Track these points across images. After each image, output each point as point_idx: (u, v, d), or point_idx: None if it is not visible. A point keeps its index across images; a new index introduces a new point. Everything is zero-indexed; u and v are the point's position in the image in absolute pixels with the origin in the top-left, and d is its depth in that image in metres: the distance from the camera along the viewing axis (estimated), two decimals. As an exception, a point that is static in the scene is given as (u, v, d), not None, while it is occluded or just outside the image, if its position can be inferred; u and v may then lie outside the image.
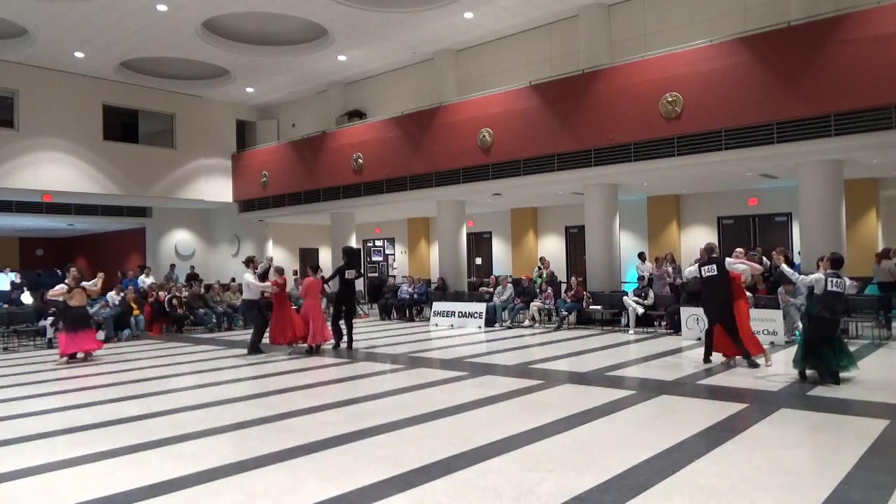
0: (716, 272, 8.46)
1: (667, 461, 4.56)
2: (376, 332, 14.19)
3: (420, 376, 8.39)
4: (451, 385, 7.74)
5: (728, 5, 13.93)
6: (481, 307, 14.72)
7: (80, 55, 17.62)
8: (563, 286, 16.21)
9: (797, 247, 13.56)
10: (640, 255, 15.41)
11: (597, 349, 10.60)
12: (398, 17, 15.64)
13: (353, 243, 20.44)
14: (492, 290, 15.45)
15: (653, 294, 13.16)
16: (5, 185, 17.87)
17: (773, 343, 10.09)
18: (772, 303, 10.96)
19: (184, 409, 6.69)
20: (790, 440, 5.11)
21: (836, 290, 7.34)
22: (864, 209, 14.73)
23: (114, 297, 14.01)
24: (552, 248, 20.13)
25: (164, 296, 15.33)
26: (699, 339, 11.02)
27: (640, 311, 12.75)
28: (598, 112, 13.93)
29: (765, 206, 16.29)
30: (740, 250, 9.16)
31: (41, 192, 18.95)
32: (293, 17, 15.73)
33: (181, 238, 24.13)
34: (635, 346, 10.87)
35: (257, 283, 11.01)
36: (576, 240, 19.37)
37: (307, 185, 20.29)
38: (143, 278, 17.62)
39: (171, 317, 15.09)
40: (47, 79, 18.56)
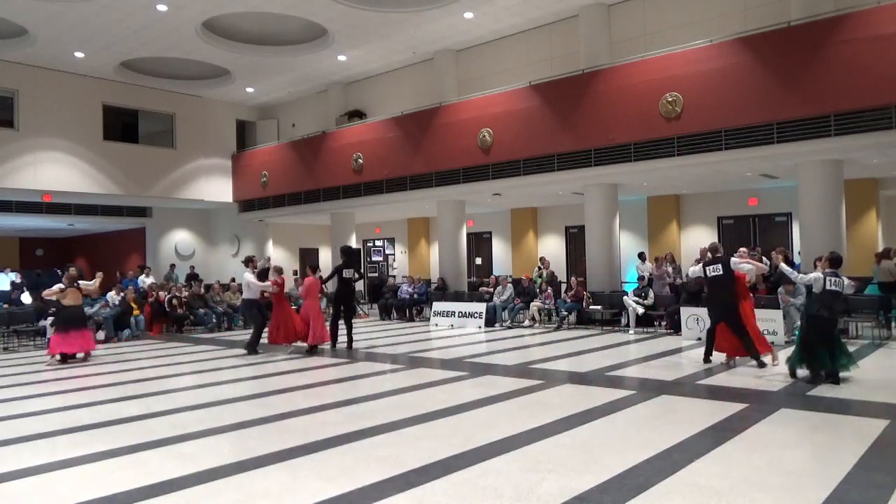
0: (721, 272, 8.43)
1: (667, 461, 4.56)
2: (376, 332, 14.19)
3: (420, 376, 8.39)
4: (451, 385, 7.74)
5: (728, 5, 13.94)
6: (481, 307, 14.72)
7: (80, 55, 17.63)
8: (563, 286, 16.22)
9: (797, 247, 13.56)
10: (640, 255, 15.42)
11: (597, 349, 10.60)
12: (398, 17, 15.64)
13: (353, 243, 20.44)
14: (492, 290, 15.45)
15: (653, 294, 13.16)
16: (5, 185, 17.88)
17: (773, 343, 10.06)
18: (772, 303, 10.97)
19: (184, 409, 6.70)
20: (790, 440, 5.11)
21: (835, 289, 7.34)
22: (864, 209, 14.73)
23: (114, 297, 14.01)
24: (552, 248, 20.14)
25: (164, 296, 15.34)
26: (699, 339, 11.03)
27: (640, 311, 12.75)
28: (598, 112, 13.93)
29: (765, 206, 16.29)
30: (744, 250, 9.17)
31: (41, 192, 18.96)
32: (293, 17, 15.73)
33: (181, 238, 24.13)
34: (635, 346, 10.87)
35: (258, 282, 11.02)
36: (576, 240, 19.37)
37: (307, 185, 20.29)
38: (143, 278, 17.63)
39: (171, 317, 15.10)
40: (47, 79, 18.57)
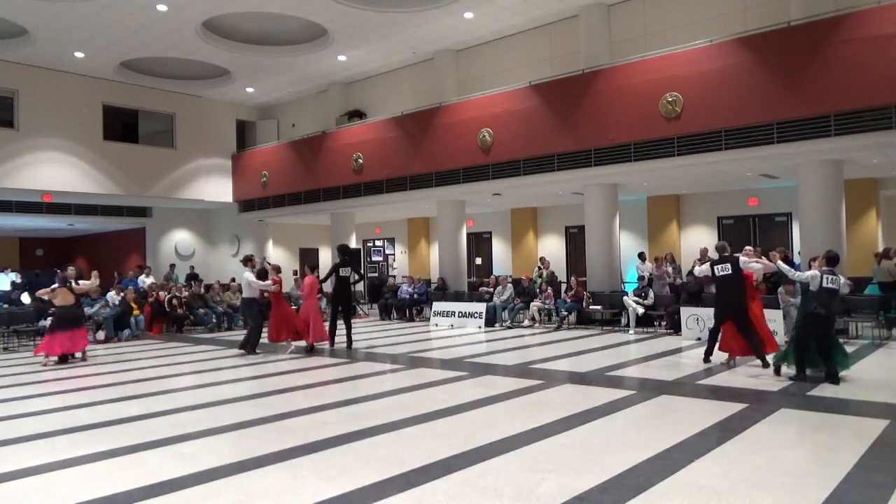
0: (730, 271, 8.36)
1: (667, 461, 4.56)
2: (376, 332, 14.19)
3: (420, 376, 8.39)
4: (451, 385, 7.74)
5: (728, 5, 13.93)
6: (481, 307, 14.72)
7: (80, 55, 17.62)
8: (563, 286, 16.22)
9: (797, 247, 13.56)
10: (640, 255, 15.42)
11: (597, 349, 10.60)
12: (398, 17, 15.64)
13: (353, 243, 20.45)
14: (492, 290, 15.45)
15: (653, 294, 13.16)
16: (5, 185, 17.88)
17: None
18: (772, 303, 10.94)
19: (184, 409, 6.70)
20: (790, 440, 5.12)
21: (832, 287, 7.36)
22: (864, 209, 14.74)
23: (114, 297, 14.00)
24: (552, 248, 20.14)
25: (164, 296, 15.34)
26: (699, 339, 11.04)
27: (640, 311, 12.75)
28: (598, 112, 13.93)
29: (765, 206, 16.29)
30: (750, 249, 9.02)
31: (41, 192, 18.96)
32: (293, 17, 15.72)
33: (181, 238, 24.13)
34: (635, 346, 10.87)
35: (260, 282, 11.05)
36: (576, 240, 19.37)
37: (307, 185, 20.29)
38: (143, 278, 17.62)
39: (171, 317, 15.09)
40: (47, 79, 18.56)
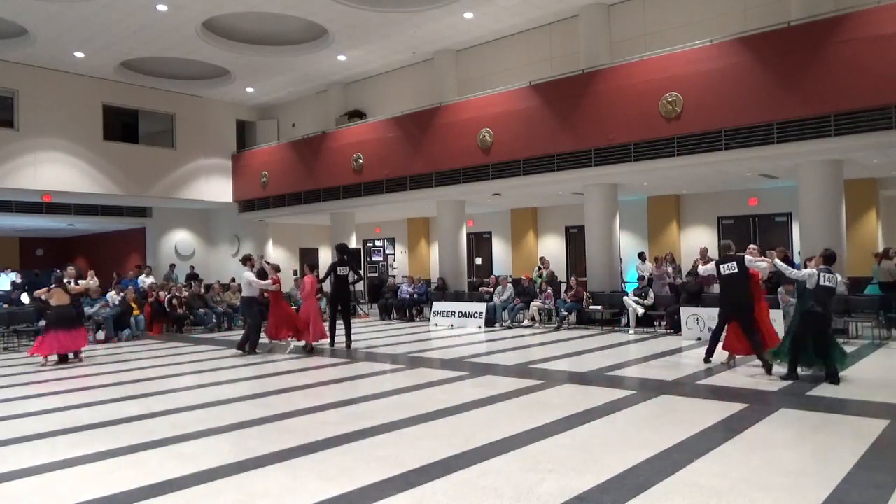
0: (736, 270, 8.30)
1: (667, 461, 4.56)
2: (376, 332, 14.18)
3: (420, 376, 8.39)
4: (451, 385, 7.74)
5: (728, 5, 13.93)
6: (481, 307, 14.72)
7: (80, 55, 17.63)
8: (563, 286, 16.22)
9: (797, 247, 13.56)
10: (640, 255, 15.42)
11: (597, 349, 10.60)
12: (398, 17, 15.64)
13: (353, 243, 20.45)
14: (492, 290, 15.44)
15: (653, 294, 13.16)
16: (5, 185, 17.88)
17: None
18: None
19: (184, 409, 6.69)
20: (790, 440, 5.11)
21: (829, 285, 7.38)
22: (864, 209, 14.74)
23: (114, 297, 14.00)
24: (552, 248, 20.14)
25: (164, 296, 15.34)
26: (699, 339, 11.04)
27: (640, 311, 12.75)
28: (598, 112, 13.93)
29: (765, 206, 16.29)
30: (754, 247, 8.97)
31: (41, 192, 18.96)
32: (293, 17, 15.72)
33: (181, 238, 24.13)
34: (635, 346, 10.87)
35: (261, 281, 11.06)
36: (576, 240, 19.37)
37: (307, 185, 20.29)
38: (143, 278, 17.62)
39: (171, 317, 15.09)
40: (47, 79, 18.57)
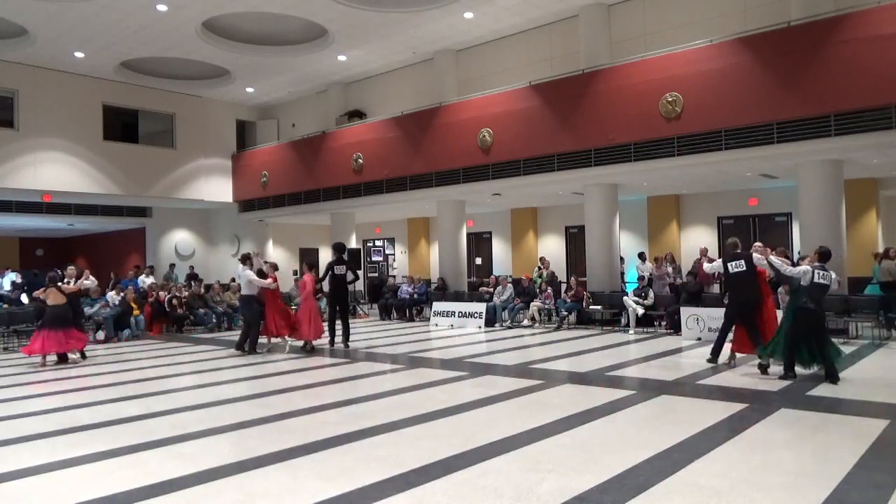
0: (744, 267, 8.24)
1: (667, 461, 4.56)
2: (376, 332, 14.18)
3: (420, 376, 8.39)
4: (451, 385, 7.74)
5: (728, 5, 13.93)
6: (481, 307, 14.72)
7: (80, 55, 17.62)
8: (563, 286, 16.22)
9: (797, 247, 13.56)
10: (640, 255, 15.42)
11: (597, 349, 10.60)
12: (398, 17, 15.64)
13: (353, 243, 20.44)
14: (492, 290, 15.44)
15: (653, 294, 13.16)
16: (5, 185, 17.87)
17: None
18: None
19: (184, 409, 6.69)
20: (790, 440, 5.11)
21: (822, 282, 7.40)
22: (864, 209, 14.73)
23: (114, 297, 14.00)
24: (552, 248, 20.13)
25: (164, 296, 15.34)
26: (699, 339, 11.05)
27: (640, 311, 12.75)
28: (598, 112, 13.93)
29: (765, 206, 16.29)
30: (759, 245, 8.86)
31: (41, 192, 18.95)
32: (293, 17, 15.72)
33: (181, 238, 24.12)
34: (635, 346, 10.87)
35: (262, 280, 11.09)
36: (576, 240, 19.37)
37: (307, 185, 20.29)
38: (143, 278, 17.61)
39: (171, 317, 15.08)
40: (47, 79, 18.56)
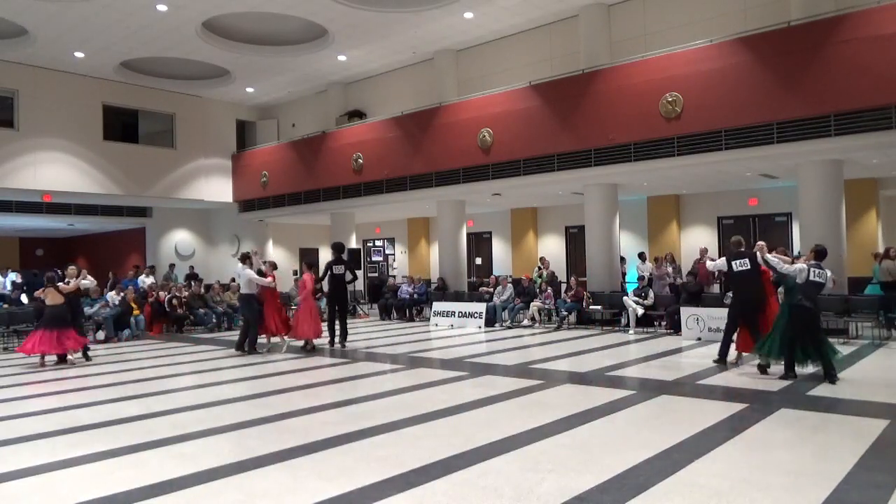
0: (749, 266, 8.20)
1: (667, 461, 4.56)
2: (376, 332, 14.19)
3: (420, 376, 8.39)
4: (451, 385, 7.74)
5: (728, 5, 13.93)
6: (481, 307, 14.72)
7: (80, 55, 17.62)
8: (563, 286, 16.22)
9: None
10: (641, 255, 15.42)
11: (597, 349, 10.60)
12: (398, 17, 15.64)
13: (353, 243, 20.45)
14: (492, 290, 15.44)
15: (653, 294, 13.16)
16: (5, 185, 17.87)
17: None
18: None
19: (184, 409, 6.69)
20: (790, 440, 5.11)
21: (818, 280, 7.43)
22: (864, 209, 14.73)
23: (114, 297, 14.00)
24: (552, 248, 20.13)
25: (164, 296, 15.34)
26: (699, 339, 11.05)
27: (640, 311, 12.75)
28: (598, 112, 13.92)
29: (765, 206, 16.29)
30: (762, 243, 8.84)
31: (41, 192, 18.95)
32: (293, 17, 15.72)
33: (181, 238, 24.11)
34: (635, 346, 10.87)
35: (262, 279, 11.10)
36: (576, 240, 19.37)
37: (307, 185, 20.29)
38: (143, 278, 17.61)
39: (171, 317, 15.08)
40: (47, 79, 18.56)
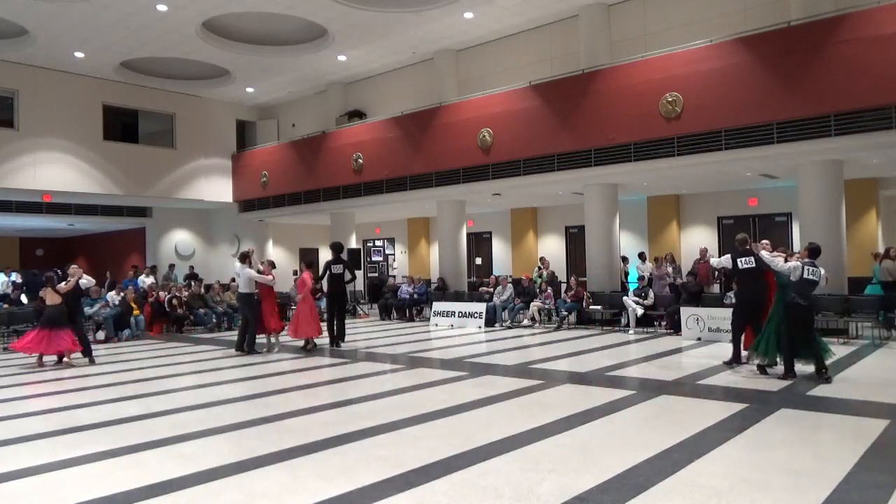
0: (754, 264, 8.13)
1: (667, 461, 4.56)
2: (376, 332, 14.18)
3: (420, 376, 8.39)
4: (451, 385, 7.74)
5: (728, 5, 13.93)
6: (481, 307, 14.71)
7: (80, 55, 17.62)
8: (563, 286, 16.21)
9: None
10: (641, 255, 15.42)
11: (597, 349, 10.60)
12: (398, 17, 15.64)
13: (353, 243, 20.45)
14: (492, 290, 15.44)
15: (653, 294, 13.16)
16: (5, 185, 17.87)
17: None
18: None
19: (184, 409, 6.69)
20: (790, 440, 5.11)
21: (812, 278, 7.45)
22: (864, 209, 14.73)
23: (114, 297, 14.00)
24: (552, 248, 20.14)
25: (164, 296, 15.33)
26: (699, 339, 11.05)
27: (640, 311, 12.75)
28: (598, 112, 13.92)
29: (765, 206, 16.29)
30: (766, 242, 8.78)
31: (41, 192, 18.95)
32: (293, 17, 15.72)
33: (181, 238, 24.11)
34: (635, 346, 10.86)
35: (263, 277, 11.12)
36: (576, 240, 19.37)
37: (307, 185, 20.29)
38: (142, 278, 17.62)
39: (171, 317, 15.08)
40: (47, 79, 18.56)
